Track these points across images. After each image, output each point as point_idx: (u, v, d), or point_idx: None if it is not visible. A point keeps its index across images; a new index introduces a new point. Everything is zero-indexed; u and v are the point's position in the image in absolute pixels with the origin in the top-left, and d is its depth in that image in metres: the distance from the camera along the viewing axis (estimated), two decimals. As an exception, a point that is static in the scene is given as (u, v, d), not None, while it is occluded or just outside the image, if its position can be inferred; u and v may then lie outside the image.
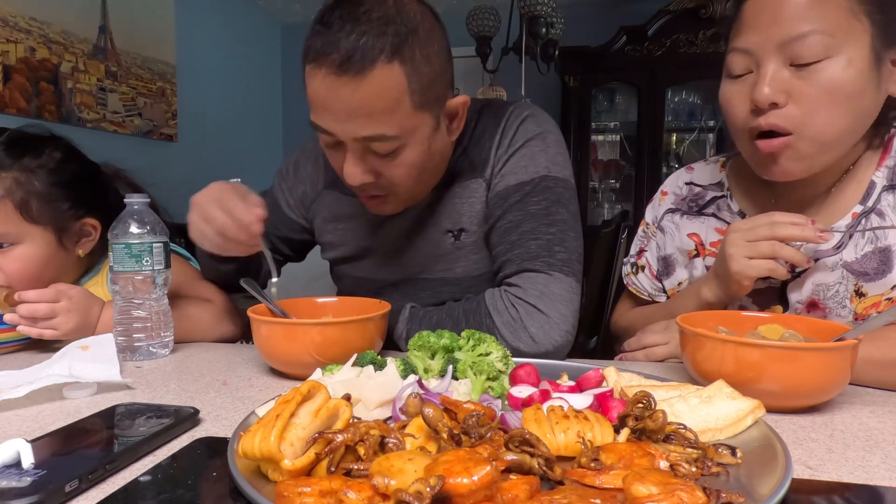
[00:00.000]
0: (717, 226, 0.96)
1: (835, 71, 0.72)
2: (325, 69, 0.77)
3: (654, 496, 0.37)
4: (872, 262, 0.80)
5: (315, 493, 0.41)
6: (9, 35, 2.45)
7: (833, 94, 0.73)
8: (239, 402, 0.69)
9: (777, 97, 0.74)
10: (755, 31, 0.76)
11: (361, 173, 0.84)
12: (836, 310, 0.82)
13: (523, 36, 3.00)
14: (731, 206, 0.95)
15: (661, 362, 0.89)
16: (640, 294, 1.07)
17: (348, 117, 0.79)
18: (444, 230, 0.98)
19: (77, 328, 0.92)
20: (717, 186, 0.98)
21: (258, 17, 4.38)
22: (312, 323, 0.79)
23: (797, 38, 0.72)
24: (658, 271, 1.04)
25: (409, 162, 0.84)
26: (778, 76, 0.74)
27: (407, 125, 0.81)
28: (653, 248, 1.05)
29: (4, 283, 0.97)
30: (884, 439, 0.57)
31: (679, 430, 0.51)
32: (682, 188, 1.03)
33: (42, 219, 0.97)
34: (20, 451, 0.48)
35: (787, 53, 0.74)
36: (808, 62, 0.73)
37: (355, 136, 0.80)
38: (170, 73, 3.43)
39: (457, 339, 0.71)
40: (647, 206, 1.09)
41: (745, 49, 0.77)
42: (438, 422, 0.47)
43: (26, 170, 0.96)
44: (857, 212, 0.82)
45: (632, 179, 3.81)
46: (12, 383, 0.70)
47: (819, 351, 0.61)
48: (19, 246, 0.97)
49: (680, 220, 1.00)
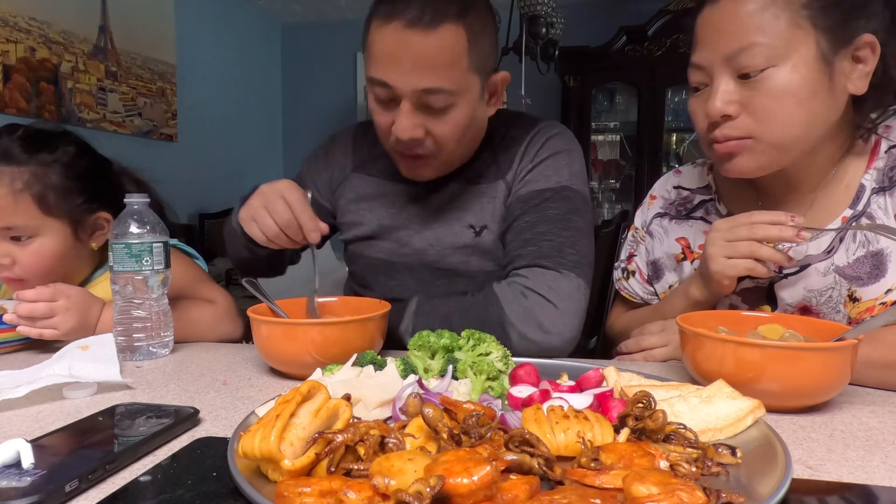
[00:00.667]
0: (704, 229, 0.96)
1: (780, 77, 0.75)
2: (396, 22, 0.84)
3: (654, 496, 0.37)
4: (865, 267, 0.80)
5: (315, 493, 0.41)
6: (9, 35, 2.45)
7: (781, 100, 0.76)
8: (239, 402, 0.69)
9: (728, 109, 0.78)
10: (705, 48, 0.80)
11: (413, 126, 0.89)
12: (830, 315, 0.82)
13: (523, 36, 3.01)
14: (718, 209, 0.96)
15: (661, 362, 0.89)
16: (633, 299, 1.07)
17: (413, 68, 0.85)
18: (467, 224, 1.02)
19: (76, 327, 0.92)
20: (705, 190, 0.99)
21: (258, 17, 4.38)
22: (312, 323, 0.79)
23: (740, 50, 0.75)
24: (648, 276, 1.04)
25: (457, 121, 0.91)
26: (727, 89, 0.78)
27: (461, 83, 0.88)
28: (642, 252, 1.06)
29: (22, 277, 0.98)
30: (884, 439, 0.57)
31: (679, 430, 0.51)
32: (671, 192, 1.04)
33: (59, 212, 0.99)
34: (20, 451, 0.48)
35: (733, 66, 0.77)
36: (753, 72, 0.76)
37: (416, 87, 0.86)
38: (170, 73, 3.43)
39: (457, 339, 0.71)
40: (637, 211, 1.10)
41: (699, 64, 0.81)
42: (438, 422, 0.47)
43: (43, 164, 0.98)
44: (846, 216, 0.82)
45: (632, 179, 3.81)
46: (12, 383, 0.70)
47: (819, 351, 0.61)
48: (37, 239, 0.98)
49: (668, 225, 1.01)
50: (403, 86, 0.86)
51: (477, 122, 0.96)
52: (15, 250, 0.97)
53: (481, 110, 0.96)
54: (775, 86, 0.75)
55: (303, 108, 4.61)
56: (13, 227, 0.96)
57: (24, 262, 0.97)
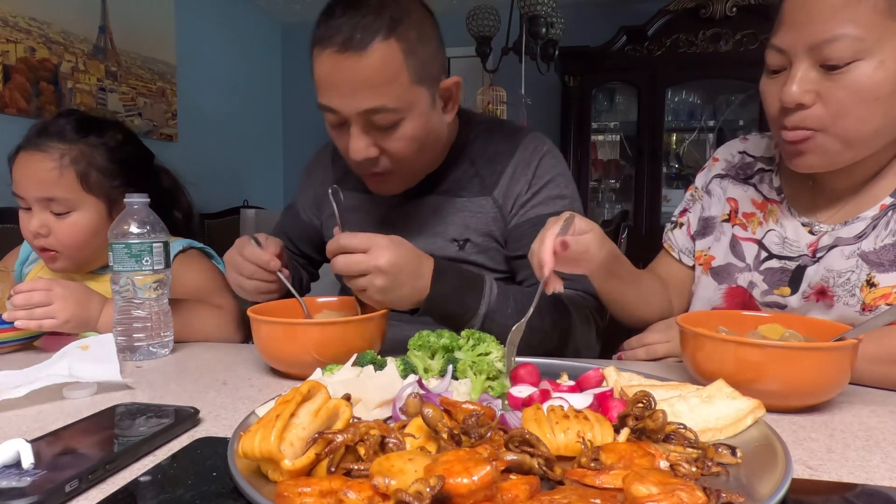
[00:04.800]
0: (753, 197, 0.95)
1: (864, 73, 0.72)
2: (329, 49, 0.84)
3: (654, 496, 0.37)
4: (889, 254, 0.80)
5: (315, 493, 0.41)
6: (9, 35, 2.45)
7: (862, 97, 0.73)
8: (239, 402, 0.69)
9: (803, 98, 0.75)
10: (789, 31, 0.76)
11: (365, 147, 0.89)
12: (845, 298, 0.82)
13: (523, 36, 3.00)
14: (773, 180, 0.95)
15: (661, 361, 0.89)
16: (671, 250, 1.06)
17: (352, 91, 0.85)
18: (449, 238, 1.02)
19: (75, 317, 0.92)
20: (768, 161, 0.98)
21: (258, 17, 4.38)
22: (312, 323, 0.79)
23: (827, 41, 0.72)
24: (695, 231, 1.03)
25: (409, 135, 0.90)
26: (807, 77, 0.75)
27: (405, 98, 0.87)
28: (696, 209, 1.04)
29: (56, 248, 1.05)
30: (884, 439, 0.57)
31: (679, 430, 0.51)
32: (735, 156, 1.02)
33: (97, 190, 1.07)
34: (20, 451, 0.48)
35: (817, 55, 0.74)
36: (837, 64, 0.73)
37: (359, 109, 0.86)
38: (170, 73, 3.42)
39: (456, 339, 0.71)
40: (698, 174, 1.08)
41: (780, 47, 0.78)
42: (438, 422, 0.47)
43: (90, 145, 1.07)
44: (885, 203, 0.82)
45: (632, 179, 3.81)
46: (12, 383, 0.70)
47: (819, 351, 0.61)
48: (74, 213, 1.05)
49: (726, 185, 1.00)
50: (347, 109, 0.86)
51: (434, 131, 0.95)
52: (52, 221, 1.04)
53: (436, 119, 0.95)
54: (858, 81, 0.72)
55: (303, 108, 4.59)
56: (55, 198, 1.03)
57: (60, 233, 1.05)
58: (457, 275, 0.89)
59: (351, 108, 0.86)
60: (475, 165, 1.03)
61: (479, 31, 3.16)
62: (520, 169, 1.01)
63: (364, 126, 0.88)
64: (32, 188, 1.03)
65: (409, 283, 0.82)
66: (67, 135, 1.05)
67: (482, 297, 0.88)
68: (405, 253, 0.82)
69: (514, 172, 1.01)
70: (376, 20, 0.84)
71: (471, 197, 1.02)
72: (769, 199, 0.93)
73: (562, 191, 1.02)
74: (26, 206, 1.05)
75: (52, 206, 1.04)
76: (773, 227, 0.91)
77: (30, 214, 1.05)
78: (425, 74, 0.89)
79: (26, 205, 1.05)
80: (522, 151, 1.02)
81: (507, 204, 1.01)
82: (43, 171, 1.02)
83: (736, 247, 0.94)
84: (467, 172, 1.03)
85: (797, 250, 0.87)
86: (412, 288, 0.83)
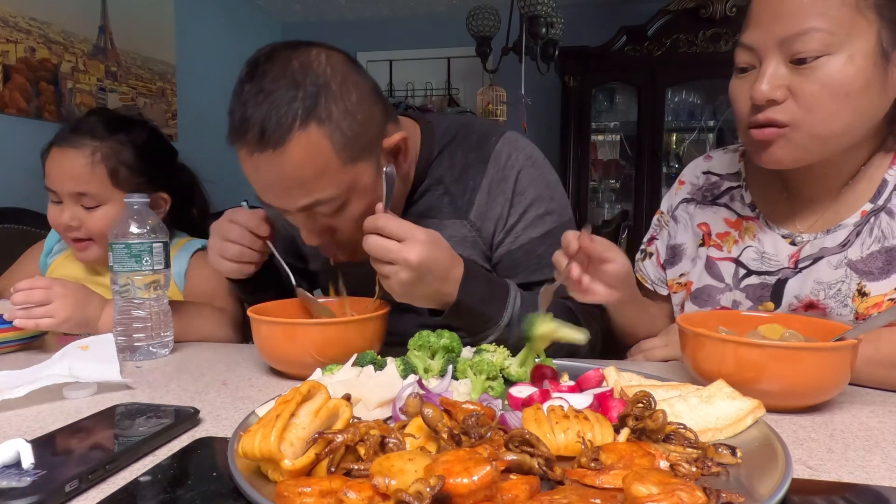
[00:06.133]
0: (726, 216, 0.95)
1: (834, 67, 0.72)
2: (246, 148, 0.76)
3: (654, 496, 0.37)
4: (878, 262, 0.79)
5: (315, 493, 0.41)
6: (9, 35, 2.45)
7: (832, 91, 0.73)
8: (239, 402, 0.69)
9: (774, 94, 0.75)
10: (759, 28, 0.77)
11: (316, 236, 0.85)
12: (837, 309, 0.82)
13: (523, 36, 3.00)
14: (744, 196, 0.94)
15: (661, 362, 0.89)
16: (644, 281, 1.06)
17: (282, 191, 0.78)
18: None
19: (73, 316, 0.92)
20: (734, 176, 0.98)
21: (258, 17, 4.38)
22: (312, 323, 0.79)
23: (796, 35, 0.73)
24: (664, 260, 1.03)
25: (359, 215, 0.81)
26: (777, 73, 0.75)
27: (342, 182, 0.79)
28: (664, 236, 1.04)
29: (88, 236, 1.11)
30: (884, 439, 0.57)
31: (679, 430, 0.51)
32: (699, 178, 1.02)
33: (125, 185, 1.11)
34: (20, 451, 0.48)
35: (787, 50, 0.74)
36: (806, 59, 0.73)
37: (295, 207, 0.79)
38: (170, 73, 3.42)
39: (457, 339, 0.71)
40: (665, 196, 1.08)
41: (749, 45, 0.78)
42: (438, 422, 0.47)
43: (120, 142, 1.12)
44: (866, 210, 0.82)
45: (632, 179, 3.80)
46: (12, 383, 0.70)
47: (819, 351, 0.61)
48: (103, 207, 1.10)
49: (693, 210, 1.00)
50: (285, 207, 0.80)
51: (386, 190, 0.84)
52: (83, 214, 1.10)
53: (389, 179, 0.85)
54: (827, 75, 0.73)
55: (303, 108, 4.59)
56: (86, 193, 1.08)
57: (91, 225, 1.10)
58: (485, 283, 0.84)
59: (288, 206, 0.80)
60: (443, 183, 0.95)
61: (479, 31, 3.16)
62: (495, 187, 0.93)
63: (308, 217, 0.82)
64: (66, 183, 1.08)
65: (433, 286, 0.77)
66: (98, 132, 1.10)
67: (504, 309, 0.85)
68: (439, 254, 0.76)
69: (490, 191, 0.94)
70: (289, 106, 0.73)
71: (443, 220, 0.95)
72: (743, 217, 0.92)
73: (548, 206, 0.95)
74: (57, 199, 1.11)
75: (83, 201, 1.09)
76: (749, 243, 0.90)
77: (60, 208, 1.10)
78: (360, 148, 0.79)
79: (57, 199, 1.10)
80: (495, 164, 0.94)
81: (486, 227, 0.94)
82: (77, 167, 1.07)
83: (712, 268, 0.93)
84: (436, 192, 0.96)
85: (777, 264, 0.87)
86: (436, 291, 0.78)
